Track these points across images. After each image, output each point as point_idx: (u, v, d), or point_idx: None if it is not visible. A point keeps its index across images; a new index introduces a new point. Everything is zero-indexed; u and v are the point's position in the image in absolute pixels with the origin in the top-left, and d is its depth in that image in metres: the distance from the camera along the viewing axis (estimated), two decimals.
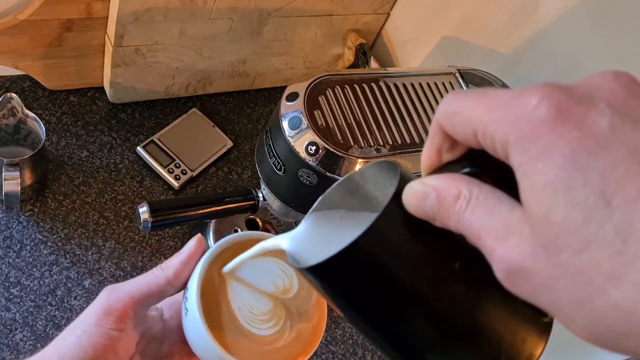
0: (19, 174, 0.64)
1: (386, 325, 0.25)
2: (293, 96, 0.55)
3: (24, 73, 0.76)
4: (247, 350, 0.36)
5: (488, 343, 0.24)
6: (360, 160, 0.53)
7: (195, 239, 0.39)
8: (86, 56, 0.77)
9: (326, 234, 0.32)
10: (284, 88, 0.57)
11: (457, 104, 0.22)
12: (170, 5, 0.70)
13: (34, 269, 0.67)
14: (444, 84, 0.64)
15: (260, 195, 0.63)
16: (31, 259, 0.68)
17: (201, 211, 0.61)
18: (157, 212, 0.57)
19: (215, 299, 0.37)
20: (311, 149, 0.52)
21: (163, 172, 0.78)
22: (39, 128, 0.68)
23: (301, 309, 0.39)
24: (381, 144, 0.55)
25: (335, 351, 0.75)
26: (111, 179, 0.77)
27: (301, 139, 0.53)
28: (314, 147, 0.52)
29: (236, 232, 0.74)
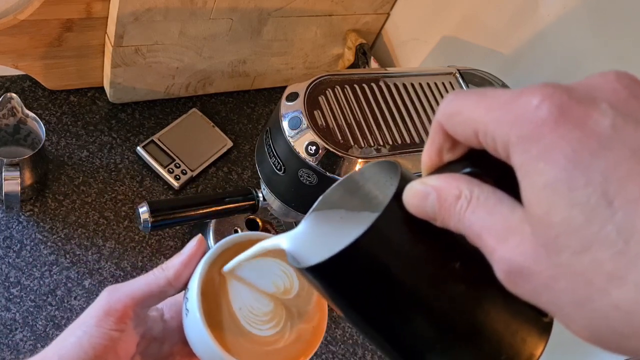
0: (19, 174, 0.64)
1: (386, 325, 0.25)
2: (293, 96, 0.55)
3: (24, 73, 0.76)
4: (247, 350, 0.36)
5: (488, 343, 0.24)
6: (360, 160, 0.53)
7: (195, 240, 0.39)
8: (86, 56, 0.77)
9: (326, 234, 0.32)
10: (284, 88, 0.57)
11: (457, 104, 0.22)
12: (170, 5, 0.70)
13: (34, 269, 0.67)
14: (444, 84, 0.64)
15: (260, 195, 0.63)
16: (31, 259, 0.68)
17: (201, 211, 0.61)
18: (157, 212, 0.57)
19: (216, 299, 0.37)
20: (311, 149, 0.52)
21: (163, 172, 0.78)
22: (39, 128, 0.68)
23: (302, 309, 0.39)
24: (381, 144, 0.55)
25: (335, 351, 0.75)
26: (111, 179, 0.77)
27: (301, 139, 0.52)
28: (314, 147, 0.52)
29: (236, 232, 0.74)
